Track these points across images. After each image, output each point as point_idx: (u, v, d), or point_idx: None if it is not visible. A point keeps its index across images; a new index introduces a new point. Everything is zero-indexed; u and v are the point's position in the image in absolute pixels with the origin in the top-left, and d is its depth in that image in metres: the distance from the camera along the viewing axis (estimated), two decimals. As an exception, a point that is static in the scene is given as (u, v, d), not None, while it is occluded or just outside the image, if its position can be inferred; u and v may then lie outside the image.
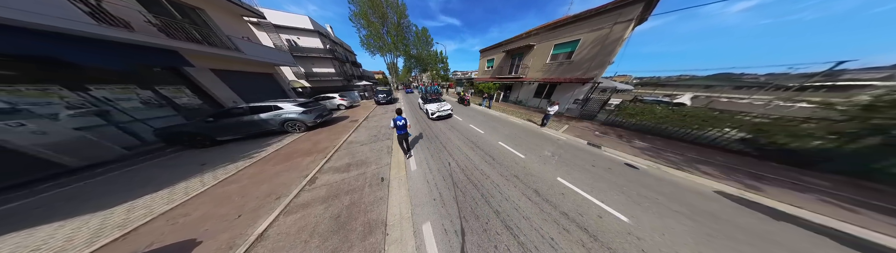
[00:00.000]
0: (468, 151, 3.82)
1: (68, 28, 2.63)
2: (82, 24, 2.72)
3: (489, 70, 12.04)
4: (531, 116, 6.62)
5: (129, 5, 3.41)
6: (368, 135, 4.88)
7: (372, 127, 5.74)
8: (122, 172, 3.03)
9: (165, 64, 3.91)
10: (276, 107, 4.37)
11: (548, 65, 7.30)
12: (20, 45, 2.50)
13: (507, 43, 9.72)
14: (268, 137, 4.62)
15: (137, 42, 3.26)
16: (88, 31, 2.79)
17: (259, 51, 5.59)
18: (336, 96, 9.01)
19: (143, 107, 3.95)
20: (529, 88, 8.46)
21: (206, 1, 4.68)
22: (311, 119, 4.70)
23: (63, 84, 3.17)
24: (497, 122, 6.09)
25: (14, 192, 2.60)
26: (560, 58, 6.79)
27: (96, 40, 3.00)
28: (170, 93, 4.26)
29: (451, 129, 5.37)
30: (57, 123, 3.03)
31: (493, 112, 7.71)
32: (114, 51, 3.16)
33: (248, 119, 4.11)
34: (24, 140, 2.72)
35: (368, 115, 7.68)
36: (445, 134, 4.93)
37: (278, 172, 2.87)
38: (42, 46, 2.63)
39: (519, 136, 4.66)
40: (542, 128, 5.24)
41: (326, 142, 4.25)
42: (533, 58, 8.02)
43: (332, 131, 5.11)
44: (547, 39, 7.18)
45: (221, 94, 4.88)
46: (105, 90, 3.57)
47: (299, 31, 11.76)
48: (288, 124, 4.53)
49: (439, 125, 5.75)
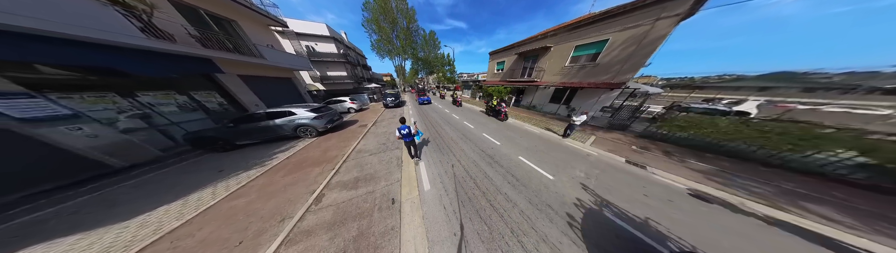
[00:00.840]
0: (486, 167, 3.26)
1: (124, 42, 2.91)
2: (136, 38, 3.00)
3: (499, 73, 11.43)
4: (549, 124, 5.93)
5: (175, 20, 3.77)
6: (377, 143, 4.55)
7: (380, 133, 5.39)
8: (153, 175, 3.16)
9: (200, 71, 4.18)
10: (290, 112, 4.39)
11: (567, 68, 6.60)
12: (86, 57, 2.79)
13: (519, 45, 9.10)
14: (281, 142, 4.60)
15: (179, 52, 3.56)
16: (140, 44, 3.05)
17: (280, 57, 5.94)
18: (347, 100, 8.86)
19: (178, 111, 4.28)
20: (545, 93, 7.76)
21: (240, 13, 5.15)
22: (323, 124, 4.71)
23: (117, 91, 3.53)
24: (512, 130, 5.45)
25: (63, 192, 2.75)
26: (582, 60, 6.08)
27: (145, 51, 3.28)
28: (202, 97, 4.60)
29: (463, 138, 4.80)
30: (108, 127, 3.29)
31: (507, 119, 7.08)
32: (159, 60, 3.43)
33: (265, 124, 4.19)
34: (80, 143, 2.95)
35: (377, 119, 7.38)
36: (458, 145, 4.37)
37: (286, 184, 2.74)
38: (102, 58, 2.91)
39: (540, 149, 4.01)
40: (564, 139, 4.56)
41: (335, 150, 4.10)
42: (549, 60, 7.35)
43: (342, 137, 4.95)
44: (566, 40, 6.50)
45: (246, 98, 5.14)
46: (149, 96, 3.92)
47: (317, 37, 12.62)
48: (300, 130, 4.55)
49: (450, 133, 5.20)
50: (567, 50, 6.49)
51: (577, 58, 6.27)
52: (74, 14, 2.48)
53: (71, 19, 2.45)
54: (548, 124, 5.95)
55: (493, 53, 11.74)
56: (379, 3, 15.51)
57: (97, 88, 3.38)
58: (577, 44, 6.09)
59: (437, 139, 4.79)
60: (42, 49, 2.46)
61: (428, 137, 4.96)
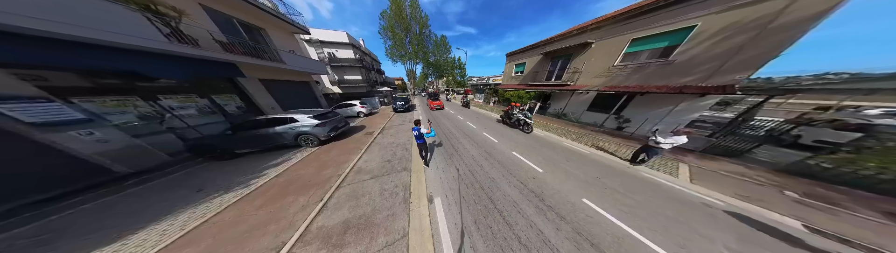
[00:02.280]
0: (537, 217, 1.94)
1: (148, 46, 2.85)
2: (159, 43, 2.93)
3: (518, 76, 10.07)
4: (597, 140, 4.40)
5: (201, 25, 3.74)
6: (381, 159, 3.57)
7: (386, 145, 4.33)
8: (139, 190, 2.76)
9: (224, 75, 4.15)
10: (292, 119, 3.92)
11: (616, 68, 5.10)
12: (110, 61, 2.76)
13: (545, 43, 7.75)
14: (281, 151, 4.03)
15: (204, 57, 3.48)
16: (163, 48, 2.98)
17: (300, 62, 5.89)
18: (357, 103, 8.15)
19: (197, 114, 4.14)
20: (582, 99, 6.22)
21: (269, 22, 5.36)
22: (325, 133, 4.17)
23: (141, 95, 3.40)
24: (550, 148, 4.00)
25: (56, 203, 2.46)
26: (642, 57, 4.57)
27: (169, 55, 3.18)
28: (222, 101, 4.48)
29: (488, 159, 3.44)
30: (121, 131, 3.04)
31: (535, 131, 5.64)
32: (183, 64, 3.35)
33: (264, 132, 3.77)
34: (87, 148, 2.72)
35: (384, 126, 6.35)
36: (483, 169, 3.04)
37: (253, 227, 1.96)
38: (126, 62, 2.87)
39: (611, 186, 2.53)
40: (635, 166, 3.05)
41: (332, 166, 3.30)
42: (588, 59, 5.89)
43: (344, 149, 4.15)
44: (615, 34, 5.06)
45: (263, 101, 5.05)
46: (172, 99, 3.79)
47: (338, 44, 13.56)
48: (301, 138, 4.06)
49: (470, 151, 3.85)
50: (617, 46, 5.03)
51: (634, 55, 4.77)
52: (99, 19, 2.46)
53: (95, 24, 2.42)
54: (594, 140, 4.42)
55: (512, 55, 10.46)
56: (394, 11, 16.22)
57: (120, 92, 3.23)
58: (635, 37, 4.61)
59: (455, 157, 3.50)
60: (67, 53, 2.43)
61: (446, 154, 3.69)
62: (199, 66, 3.57)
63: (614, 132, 5.02)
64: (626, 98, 4.82)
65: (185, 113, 3.94)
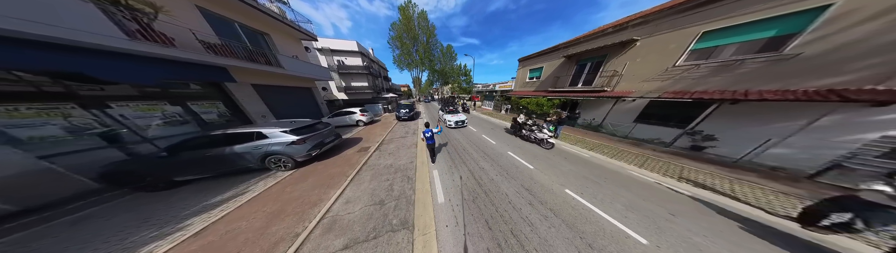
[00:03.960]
0: None
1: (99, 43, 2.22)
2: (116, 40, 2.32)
3: (533, 81, 8.98)
4: (675, 167, 3.01)
5: (182, 24, 3.21)
6: (370, 198, 2.33)
7: (382, 169, 3.14)
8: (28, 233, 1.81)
9: (208, 79, 3.61)
10: (259, 134, 2.90)
11: (679, 69, 3.87)
12: (44, 60, 2.07)
13: (566, 45, 6.72)
14: (240, 178, 2.92)
15: (181, 58, 2.97)
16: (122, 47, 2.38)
17: (301, 67, 5.43)
18: (356, 111, 7.12)
19: (162, 124, 3.30)
20: (626, 108, 4.92)
21: (274, 28, 5.06)
22: (304, 152, 3.14)
23: (81, 102, 2.57)
24: (619, 183, 2.62)
25: None
26: (725, 53, 3.33)
27: (136, 56, 2.63)
28: (201, 108, 3.73)
29: (534, 206, 2.07)
30: (18, 151, 2.16)
31: (571, 148, 4.30)
32: (151, 67, 2.80)
33: (218, 152, 2.74)
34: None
35: (384, 138, 5.19)
36: (536, 231, 1.64)
37: None
38: (70, 61, 2.20)
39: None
40: (813, 231, 1.64)
41: (294, 213, 2.09)
42: (632, 60, 4.73)
43: (324, 175, 2.98)
44: (674, 27, 3.91)
45: (253, 108, 4.43)
46: (129, 107, 2.98)
47: (348, 53, 13.71)
48: (270, 160, 3.01)
49: (501, 186, 2.52)
50: (677, 42, 3.86)
51: (708, 51, 3.55)
52: (29, 7, 1.90)
53: (21, 12, 1.84)
54: (672, 168, 3.02)
55: (525, 60, 9.50)
56: (403, 22, 16.53)
57: (50, 98, 2.41)
58: (708, 29, 3.45)
59: (484, 203, 2.13)
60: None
61: (468, 196, 2.40)
62: (176, 68, 2.99)
63: (694, 155, 3.56)
64: (704, 107, 3.48)
65: (144, 123, 3.09)
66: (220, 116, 4.07)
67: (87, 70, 2.25)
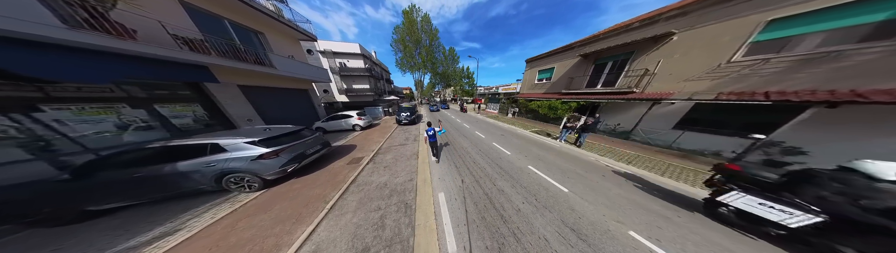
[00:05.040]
0: None
1: (23, 31, 1.77)
2: (48, 29, 1.84)
3: (542, 83, 8.32)
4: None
5: (150, 15, 2.73)
6: (351, 235, 1.71)
7: (374, 189, 2.49)
8: None
9: (183, 79, 3.18)
10: (215, 147, 2.19)
11: (737, 65, 3.16)
12: None
13: (582, 43, 6.09)
14: (188, 201, 2.23)
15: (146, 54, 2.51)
16: (58, 38, 1.91)
17: (296, 67, 5.01)
18: (353, 115, 6.48)
19: (114, 131, 2.74)
20: (662, 112, 4.18)
21: (269, 26, 4.71)
22: (275, 168, 2.43)
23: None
24: (702, 220, 1.87)
25: None
26: (806, 45, 2.60)
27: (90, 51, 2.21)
28: (171, 111, 3.24)
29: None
30: None
31: (604, 161, 3.53)
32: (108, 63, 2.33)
33: (152, 172, 1.99)
34: None
35: (381, 146, 4.51)
36: None
37: None
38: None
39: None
40: None
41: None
42: (668, 57, 4.04)
43: (297, 201, 2.25)
44: (725, 17, 3.19)
45: (237, 111, 3.94)
46: (69, 111, 2.40)
47: (350, 55, 13.48)
48: (230, 180, 2.28)
49: (537, 226, 1.76)
50: (729, 33, 3.18)
51: (776, 43, 2.84)
52: None
53: None
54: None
55: (533, 60, 8.90)
56: (406, 25, 16.39)
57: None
58: (776, 17, 2.76)
59: None
60: None
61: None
62: (143, 66, 2.57)
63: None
64: (783, 111, 2.71)
65: (88, 130, 2.53)
66: (196, 121, 3.55)
67: (11, 66, 1.79)
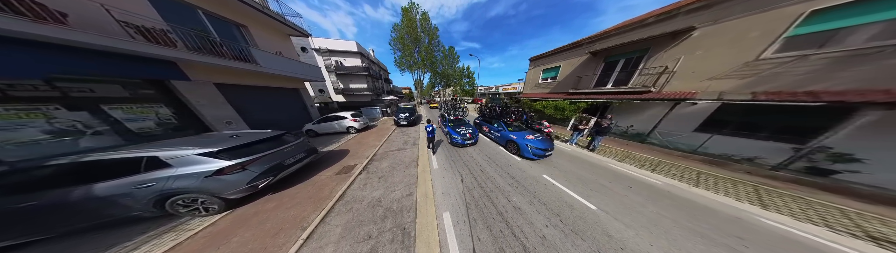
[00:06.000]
0: None
1: None
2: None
3: (547, 83, 8.01)
4: (810, 204, 1.89)
5: None
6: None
7: (366, 208, 2.05)
8: None
9: (148, 76, 2.75)
10: (154, 161, 1.65)
11: (769, 62, 2.85)
12: None
13: (591, 40, 5.75)
14: (124, 229, 1.77)
15: (92, 46, 2.11)
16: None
17: (283, 64, 4.56)
18: (347, 116, 5.95)
19: (47, 138, 2.26)
20: (683, 113, 3.86)
21: (253, 19, 4.33)
22: (242, 185, 1.89)
23: None
24: (771, 247, 1.53)
25: None
26: (855, 37, 2.29)
27: (19, 41, 1.85)
28: (125, 114, 2.74)
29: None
30: None
31: (624, 169, 3.18)
32: (37, 55, 1.99)
33: (60, 198, 1.47)
34: None
35: (376, 152, 4.06)
36: None
37: None
38: None
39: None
40: None
41: None
42: (690, 53, 3.72)
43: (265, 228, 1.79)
44: (754, 9, 2.87)
45: (212, 113, 3.48)
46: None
47: (347, 53, 12.91)
48: (177, 203, 1.76)
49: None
50: (760, 27, 2.86)
51: (815, 37, 2.54)
52: None
53: None
54: (807, 203, 1.90)
55: (537, 59, 8.58)
56: (405, 23, 15.82)
57: None
58: (818, 7, 2.44)
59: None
60: None
61: None
62: (84, 59, 2.20)
63: (836, 186, 2.31)
64: (830, 114, 2.40)
65: (7, 137, 2.10)
66: (160, 124, 3.11)
67: None
